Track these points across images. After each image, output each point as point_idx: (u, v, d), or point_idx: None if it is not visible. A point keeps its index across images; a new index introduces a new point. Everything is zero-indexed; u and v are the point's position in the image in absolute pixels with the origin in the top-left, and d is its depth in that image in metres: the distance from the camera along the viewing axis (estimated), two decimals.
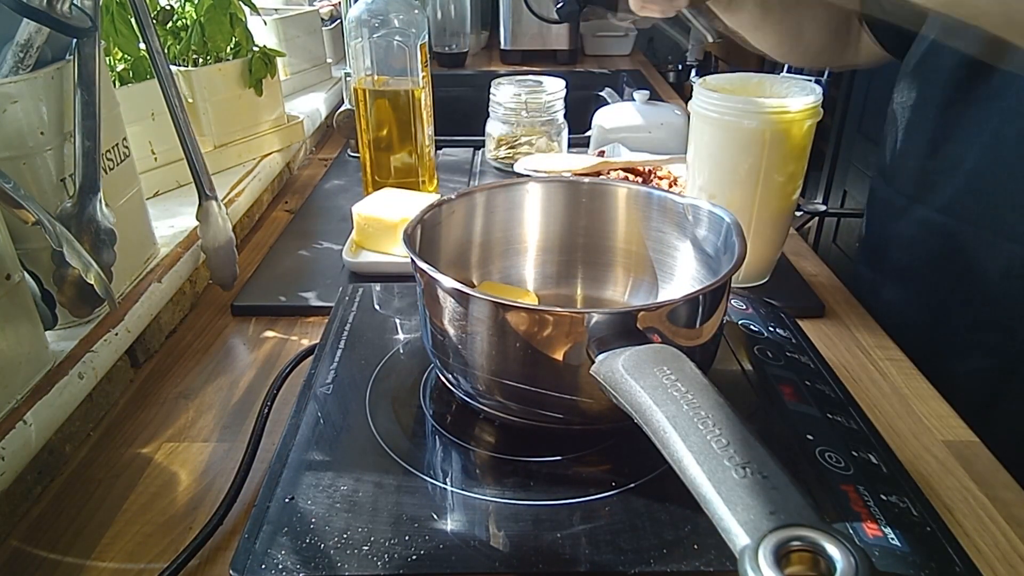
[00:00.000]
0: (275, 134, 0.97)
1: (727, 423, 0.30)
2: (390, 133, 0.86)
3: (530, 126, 1.01)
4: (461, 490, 0.41)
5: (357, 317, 0.59)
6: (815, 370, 0.53)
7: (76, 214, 0.54)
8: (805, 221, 1.51)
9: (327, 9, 1.42)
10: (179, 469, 0.49)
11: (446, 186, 0.98)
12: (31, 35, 0.50)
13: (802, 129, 0.63)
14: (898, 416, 0.55)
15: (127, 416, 0.55)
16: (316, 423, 0.46)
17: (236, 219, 0.82)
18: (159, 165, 0.81)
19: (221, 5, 0.86)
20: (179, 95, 0.62)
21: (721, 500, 0.27)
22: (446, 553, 0.37)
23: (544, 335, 0.40)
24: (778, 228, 0.69)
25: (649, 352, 0.36)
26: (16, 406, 0.46)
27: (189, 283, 0.70)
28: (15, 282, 0.46)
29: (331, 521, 0.38)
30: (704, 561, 0.36)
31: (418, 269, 0.44)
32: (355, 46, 0.83)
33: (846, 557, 0.24)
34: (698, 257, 0.52)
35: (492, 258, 0.57)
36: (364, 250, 0.76)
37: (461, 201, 0.54)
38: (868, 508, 0.39)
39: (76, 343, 0.53)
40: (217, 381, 0.59)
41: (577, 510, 0.39)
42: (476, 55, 1.86)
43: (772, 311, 0.61)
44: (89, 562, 0.42)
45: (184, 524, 0.45)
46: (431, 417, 0.48)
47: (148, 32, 0.60)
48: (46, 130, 0.52)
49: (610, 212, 0.57)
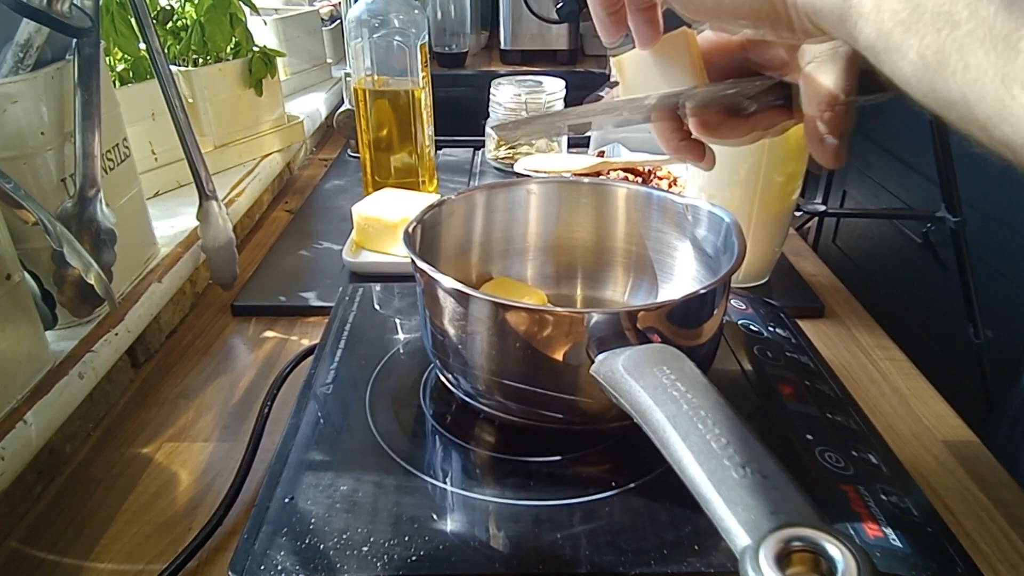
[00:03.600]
0: (275, 134, 0.97)
1: (727, 423, 0.30)
2: (390, 133, 0.86)
3: None
4: (461, 490, 0.41)
5: (357, 317, 0.59)
6: (815, 370, 0.53)
7: (76, 214, 0.54)
8: (805, 221, 1.51)
9: (327, 9, 1.42)
10: (179, 469, 0.49)
11: (446, 186, 0.98)
12: (31, 35, 0.50)
13: (802, 129, 0.63)
14: (898, 416, 0.55)
15: (127, 416, 0.55)
16: (316, 423, 0.46)
17: (236, 219, 0.82)
18: (159, 165, 0.80)
19: (221, 5, 0.86)
20: (179, 95, 0.62)
21: (721, 500, 0.27)
22: (446, 554, 0.37)
23: (544, 335, 0.40)
24: (778, 228, 0.69)
25: (649, 352, 0.36)
26: (16, 406, 0.46)
27: (189, 283, 0.70)
28: (15, 282, 0.46)
29: (331, 521, 0.38)
30: (704, 562, 0.36)
31: (418, 269, 0.44)
32: (355, 46, 0.83)
33: (847, 557, 0.24)
34: (698, 257, 0.52)
35: (492, 258, 0.57)
36: (364, 250, 0.76)
37: (461, 201, 0.54)
38: (868, 508, 0.39)
39: (76, 343, 0.53)
40: (217, 381, 0.59)
41: (577, 510, 0.39)
42: (476, 55, 1.86)
43: (772, 311, 0.60)
44: (88, 562, 0.42)
45: (184, 524, 0.45)
46: (431, 417, 0.48)
47: (148, 32, 0.60)
48: (46, 130, 0.52)
49: (610, 212, 0.57)
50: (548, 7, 1.47)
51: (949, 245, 1.18)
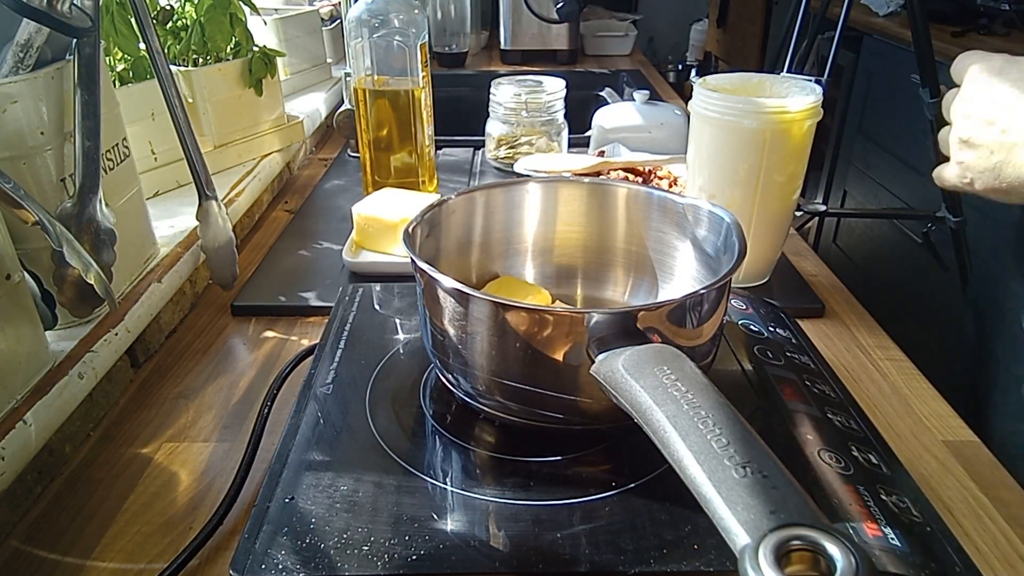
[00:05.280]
0: (275, 134, 0.97)
1: (727, 423, 0.30)
2: (390, 133, 0.86)
3: (530, 126, 1.01)
4: (461, 490, 0.41)
5: (357, 317, 0.59)
6: (815, 370, 0.53)
7: (76, 214, 0.54)
8: (805, 221, 1.51)
9: (327, 9, 1.42)
10: (179, 469, 0.49)
11: (446, 186, 0.98)
12: (31, 35, 0.50)
13: (802, 129, 0.63)
14: (898, 416, 0.55)
15: (127, 416, 0.55)
16: (316, 423, 0.46)
17: (236, 219, 0.82)
18: (159, 165, 0.80)
19: (221, 5, 0.86)
20: (179, 95, 0.62)
21: (721, 499, 0.27)
22: (446, 553, 0.37)
23: (544, 335, 0.40)
24: (778, 228, 0.69)
25: (649, 352, 0.36)
26: (16, 406, 0.46)
27: (189, 283, 0.70)
28: (15, 282, 0.46)
29: (331, 521, 0.38)
30: (704, 561, 0.36)
31: (418, 269, 0.44)
32: (355, 46, 0.83)
33: (846, 556, 0.24)
34: (698, 257, 0.52)
35: (492, 258, 0.57)
36: (364, 250, 0.76)
37: (461, 201, 0.54)
38: (868, 508, 0.39)
39: (76, 343, 0.53)
40: (217, 381, 0.59)
41: (577, 510, 0.39)
42: (476, 55, 1.86)
43: (772, 311, 0.61)
44: (89, 562, 0.42)
45: (184, 524, 0.45)
46: (431, 417, 0.48)
47: (148, 32, 0.60)
48: (46, 130, 0.52)
49: (610, 212, 0.57)
50: (548, 7, 1.47)
51: (949, 245, 1.18)
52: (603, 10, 1.93)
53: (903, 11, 1.85)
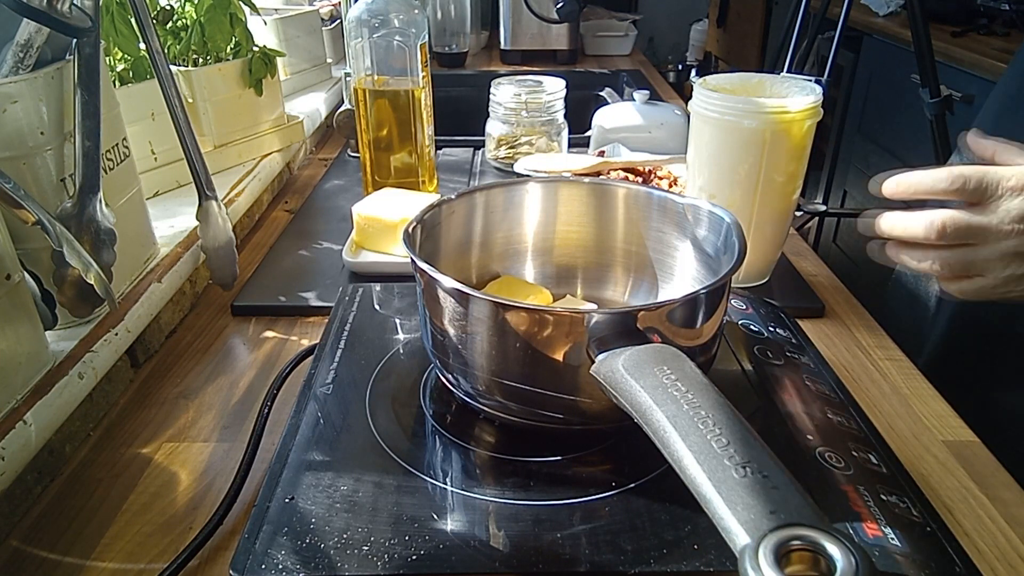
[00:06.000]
0: (275, 134, 0.97)
1: (727, 423, 0.30)
2: (390, 133, 0.86)
3: (530, 126, 1.01)
4: (461, 490, 0.41)
5: (357, 317, 0.59)
6: (815, 370, 0.53)
7: (76, 214, 0.54)
8: (805, 221, 1.51)
9: (327, 9, 1.42)
10: (179, 469, 0.49)
11: (446, 186, 0.98)
12: (31, 35, 0.50)
13: (802, 129, 0.63)
14: (898, 416, 0.55)
15: (127, 416, 0.55)
16: (316, 423, 0.46)
17: (236, 219, 0.82)
18: (159, 165, 0.80)
19: (221, 5, 0.86)
20: (179, 95, 0.62)
21: (721, 499, 0.27)
22: (446, 553, 0.37)
23: (544, 335, 0.40)
24: (778, 228, 0.69)
25: (649, 352, 0.36)
26: (16, 406, 0.46)
27: (189, 283, 0.70)
28: (15, 282, 0.46)
29: (331, 521, 0.38)
30: (704, 561, 0.36)
31: (418, 269, 0.44)
32: (355, 46, 0.83)
33: (846, 556, 0.24)
34: (698, 257, 0.52)
35: (492, 258, 0.57)
36: (364, 250, 0.76)
37: (461, 201, 0.54)
38: (868, 508, 0.39)
39: (76, 343, 0.53)
40: (217, 381, 0.59)
41: (577, 510, 0.39)
42: (476, 55, 1.86)
43: (772, 311, 0.61)
44: (89, 562, 0.42)
45: (184, 524, 0.45)
46: (431, 417, 0.48)
47: (148, 32, 0.60)
48: (46, 130, 0.52)
49: (610, 212, 0.57)
50: (548, 7, 1.47)
51: None
52: (603, 10, 1.93)
53: (903, 11, 1.85)
